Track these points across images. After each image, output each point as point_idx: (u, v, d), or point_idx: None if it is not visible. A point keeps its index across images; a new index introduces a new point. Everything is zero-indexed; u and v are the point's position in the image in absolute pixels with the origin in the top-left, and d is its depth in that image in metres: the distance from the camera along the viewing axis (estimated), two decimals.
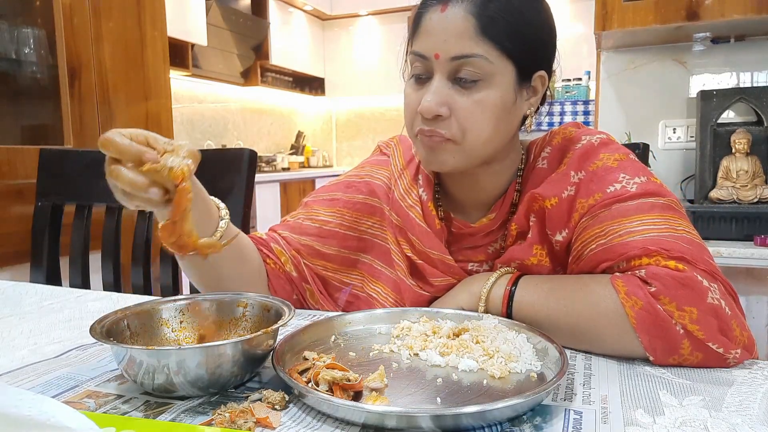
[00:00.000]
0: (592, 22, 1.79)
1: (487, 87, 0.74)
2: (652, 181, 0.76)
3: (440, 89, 0.74)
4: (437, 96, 0.74)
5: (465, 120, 0.74)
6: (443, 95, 0.74)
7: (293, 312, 0.66)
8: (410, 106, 0.78)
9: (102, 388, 0.61)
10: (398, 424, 0.50)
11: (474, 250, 0.85)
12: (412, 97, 0.78)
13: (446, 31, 0.73)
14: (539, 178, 0.81)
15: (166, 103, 1.97)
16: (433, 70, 0.75)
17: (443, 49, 0.73)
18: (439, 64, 0.74)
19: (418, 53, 0.76)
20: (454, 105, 0.74)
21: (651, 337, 0.65)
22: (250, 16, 5.08)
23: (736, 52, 1.93)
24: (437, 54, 0.74)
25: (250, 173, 1.27)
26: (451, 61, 0.73)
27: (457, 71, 0.74)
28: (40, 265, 1.41)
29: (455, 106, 0.74)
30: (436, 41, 0.74)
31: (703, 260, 0.68)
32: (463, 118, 0.74)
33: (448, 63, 0.73)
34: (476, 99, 0.74)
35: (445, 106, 0.74)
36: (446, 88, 0.74)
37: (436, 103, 0.74)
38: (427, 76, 0.76)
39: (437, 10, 0.74)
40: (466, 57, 0.72)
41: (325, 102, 6.64)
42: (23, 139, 1.86)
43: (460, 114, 0.74)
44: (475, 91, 0.74)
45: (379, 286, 0.89)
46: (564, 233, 0.78)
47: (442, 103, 0.74)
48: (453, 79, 0.74)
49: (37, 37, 1.74)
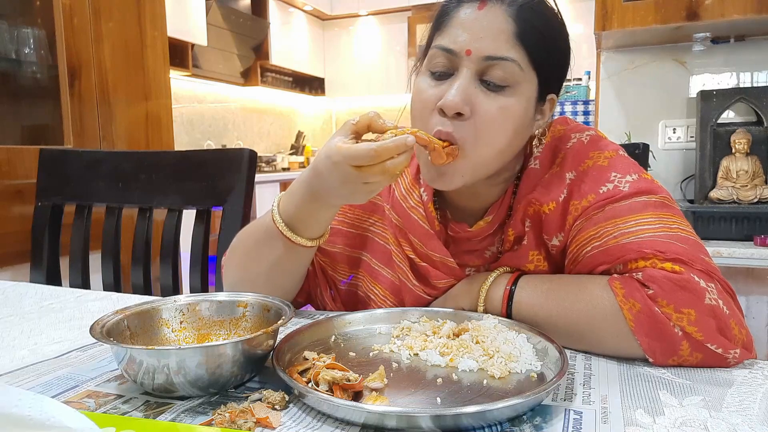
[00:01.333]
0: (592, 22, 1.79)
1: (512, 94, 0.71)
2: (644, 177, 0.75)
3: (466, 86, 0.70)
4: (463, 93, 0.70)
5: (484, 124, 0.71)
6: (469, 92, 0.70)
7: (293, 312, 0.66)
8: (426, 102, 0.74)
9: (102, 388, 0.61)
10: (398, 424, 0.50)
11: (471, 254, 0.84)
12: (428, 93, 0.73)
13: (483, 28, 0.70)
14: (533, 180, 0.80)
15: (166, 103, 1.97)
16: (458, 66, 0.71)
17: (476, 46, 0.70)
18: (469, 61, 0.70)
19: (445, 47, 0.72)
20: (477, 106, 0.70)
21: (650, 339, 0.65)
22: (250, 16, 5.08)
23: (736, 52, 1.93)
24: (469, 50, 0.70)
25: (250, 173, 1.27)
26: (483, 60, 0.70)
27: (486, 72, 0.71)
28: (40, 265, 1.41)
29: (478, 108, 0.70)
30: (470, 37, 0.70)
31: (699, 259, 0.68)
32: (482, 122, 0.71)
33: (479, 62, 0.70)
34: (501, 104, 0.71)
35: (468, 106, 0.70)
36: (472, 86, 0.71)
37: (462, 100, 0.70)
38: (449, 72, 0.73)
39: (473, 6, 0.71)
40: (500, 59, 0.70)
41: (325, 102, 6.64)
42: (23, 139, 1.86)
43: (480, 117, 0.71)
44: (501, 96, 0.71)
45: (378, 288, 0.88)
46: (560, 237, 0.78)
47: (466, 101, 0.70)
48: (479, 79, 0.71)
49: (37, 37, 1.74)
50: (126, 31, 1.84)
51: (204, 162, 1.32)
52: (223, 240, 1.23)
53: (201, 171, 1.31)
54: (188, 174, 1.32)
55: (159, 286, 1.33)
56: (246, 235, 0.86)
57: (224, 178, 1.27)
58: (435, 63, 0.73)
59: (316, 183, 0.72)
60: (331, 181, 0.68)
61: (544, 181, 0.79)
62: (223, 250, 0.92)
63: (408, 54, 5.96)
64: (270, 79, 5.41)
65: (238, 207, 1.25)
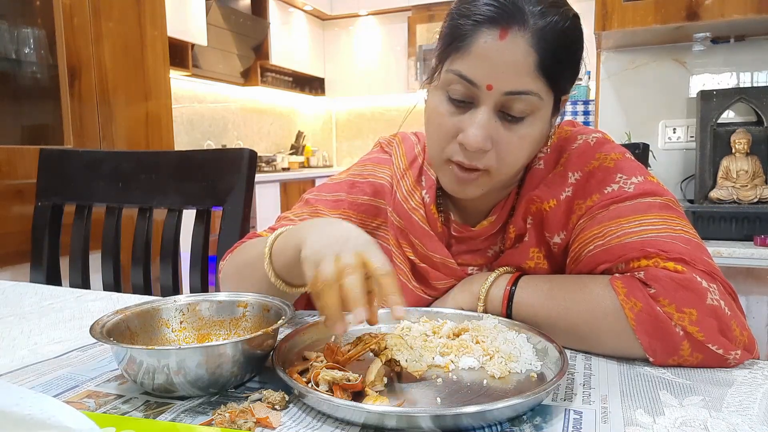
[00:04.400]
0: (592, 22, 1.79)
1: (532, 123, 0.71)
2: (649, 180, 0.76)
3: (488, 123, 0.70)
4: (485, 130, 0.70)
5: (505, 153, 0.72)
6: (489, 128, 0.70)
7: (293, 312, 0.66)
8: (445, 129, 0.73)
9: (102, 388, 0.61)
10: (398, 424, 0.50)
11: (474, 254, 0.85)
12: (447, 119, 0.73)
13: (505, 63, 0.68)
14: (536, 179, 0.80)
15: (166, 103, 1.97)
16: (478, 97, 0.70)
17: (499, 81, 0.68)
18: (490, 96, 0.69)
19: (466, 77, 0.70)
20: (498, 139, 0.71)
21: (651, 338, 0.65)
22: (250, 16, 5.08)
23: (736, 52, 1.93)
24: (490, 86, 0.68)
25: (250, 173, 1.27)
26: (504, 95, 0.69)
27: (506, 105, 0.70)
28: (40, 265, 1.41)
29: (499, 141, 0.71)
30: (491, 71, 0.68)
31: (701, 260, 0.68)
32: (504, 151, 0.72)
33: (499, 96, 0.69)
34: (521, 135, 0.71)
35: (489, 140, 0.71)
36: (492, 121, 0.70)
37: (484, 138, 0.70)
38: (467, 100, 0.72)
39: (494, 35, 0.68)
40: (522, 93, 0.69)
41: (325, 102, 6.64)
42: (23, 139, 1.86)
43: (502, 148, 0.71)
44: (521, 126, 0.71)
45: None
46: (562, 235, 0.78)
47: (488, 137, 0.70)
48: (499, 112, 0.71)
49: (37, 37, 1.74)
50: (126, 31, 1.84)
51: (204, 162, 1.32)
52: (223, 240, 1.23)
53: (201, 171, 1.31)
54: (188, 174, 1.32)
55: (159, 286, 1.33)
56: (244, 254, 0.84)
57: (224, 178, 1.27)
58: (453, 89, 0.72)
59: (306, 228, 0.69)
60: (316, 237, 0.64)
61: (547, 180, 0.79)
62: (223, 251, 0.92)
63: (408, 54, 5.96)
64: (270, 79, 5.41)
65: (238, 207, 1.25)
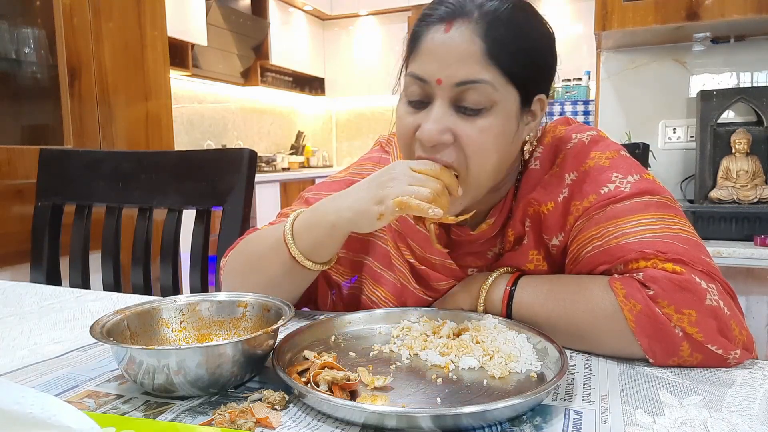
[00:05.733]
0: (592, 22, 1.79)
1: (490, 114, 0.70)
2: (645, 178, 0.75)
3: (442, 115, 0.69)
4: (439, 123, 0.69)
5: (469, 148, 0.70)
6: (446, 121, 0.69)
7: (293, 312, 0.66)
8: (406, 130, 0.73)
9: (102, 388, 0.61)
10: (398, 424, 0.50)
11: (473, 256, 0.84)
12: (406, 121, 0.73)
13: (450, 53, 0.68)
14: (533, 180, 0.80)
15: (166, 103, 1.97)
16: (432, 94, 0.70)
17: (447, 74, 0.68)
18: (441, 90, 0.69)
19: (417, 75, 0.70)
20: (457, 132, 0.70)
21: (650, 339, 0.64)
22: (250, 16, 5.08)
23: (736, 52, 1.93)
24: (440, 80, 0.69)
25: (250, 173, 1.27)
26: (455, 86, 0.68)
27: (460, 97, 0.69)
28: (40, 265, 1.41)
29: (459, 133, 0.70)
30: (439, 65, 0.68)
31: (700, 260, 0.68)
32: (467, 145, 0.70)
33: (451, 88, 0.69)
34: (480, 127, 0.69)
35: (448, 133, 0.70)
36: (448, 114, 0.70)
37: (438, 131, 0.69)
38: (424, 100, 0.72)
39: (440, 29, 0.69)
40: (472, 83, 0.68)
41: (325, 102, 6.64)
42: (23, 139, 1.86)
43: (464, 141, 0.70)
44: (479, 118, 0.70)
45: (380, 291, 0.88)
46: (560, 237, 0.77)
47: (444, 130, 0.69)
48: (455, 105, 0.70)
49: (37, 37, 1.74)
50: (126, 31, 1.84)
51: (204, 162, 1.32)
52: (223, 240, 1.23)
53: (201, 171, 1.31)
54: (188, 174, 1.32)
55: (159, 286, 1.33)
56: (253, 245, 0.85)
57: (224, 178, 1.27)
58: (410, 91, 0.72)
59: (340, 195, 0.75)
60: (370, 182, 0.72)
61: (544, 182, 0.79)
62: (223, 250, 0.92)
63: None
64: (270, 79, 5.41)
65: (238, 207, 1.25)
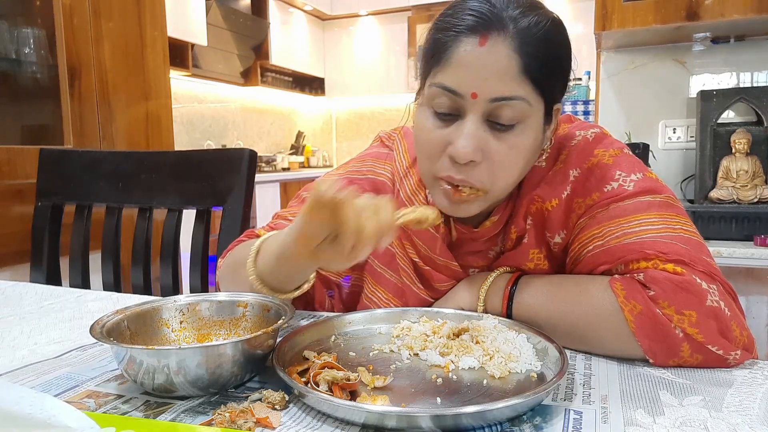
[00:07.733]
0: (592, 22, 1.79)
1: (522, 131, 0.69)
2: (648, 176, 0.75)
3: (476, 133, 0.68)
4: (474, 141, 0.67)
5: (497, 166, 0.69)
6: (479, 139, 0.68)
7: (293, 312, 0.66)
8: (434, 145, 0.71)
9: (102, 388, 0.61)
10: (398, 424, 0.50)
11: (475, 255, 0.84)
12: (434, 135, 0.71)
13: (487, 68, 0.66)
14: (537, 177, 0.79)
15: (166, 103, 1.97)
16: (464, 108, 0.68)
17: (483, 88, 0.66)
18: (475, 104, 0.67)
19: (449, 88, 0.68)
20: (488, 150, 0.69)
21: (650, 340, 0.64)
22: (250, 16, 5.07)
23: (736, 52, 1.93)
24: (475, 93, 0.67)
25: (250, 173, 1.27)
26: (490, 102, 0.67)
27: (494, 113, 0.68)
28: (40, 265, 1.41)
29: (489, 152, 0.69)
30: (473, 79, 0.67)
31: (701, 260, 0.67)
32: (496, 164, 0.69)
33: (486, 104, 0.67)
34: (511, 144, 0.69)
35: (480, 151, 0.68)
36: (481, 131, 0.68)
37: (473, 149, 0.67)
38: (453, 113, 0.70)
39: (474, 42, 0.66)
40: (508, 99, 0.67)
41: (325, 102, 6.64)
42: (23, 139, 1.86)
43: (493, 160, 0.69)
44: (511, 135, 0.69)
45: (380, 291, 0.87)
46: (562, 234, 0.77)
47: (478, 148, 0.68)
48: (487, 120, 0.69)
49: (37, 37, 1.74)
50: (126, 31, 1.84)
51: (204, 162, 1.32)
52: (223, 240, 1.23)
53: (201, 171, 1.31)
54: (188, 174, 1.32)
55: (159, 286, 1.33)
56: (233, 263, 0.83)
57: (224, 178, 1.27)
58: (438, 103, 0.70)
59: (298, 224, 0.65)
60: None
61: (548, 178, 0.78)
62: (223, 250, 0.92)
63: (408, 54, 5.96)
64: (270, 79, 5.41)
65: (238, 207, 1.25)
